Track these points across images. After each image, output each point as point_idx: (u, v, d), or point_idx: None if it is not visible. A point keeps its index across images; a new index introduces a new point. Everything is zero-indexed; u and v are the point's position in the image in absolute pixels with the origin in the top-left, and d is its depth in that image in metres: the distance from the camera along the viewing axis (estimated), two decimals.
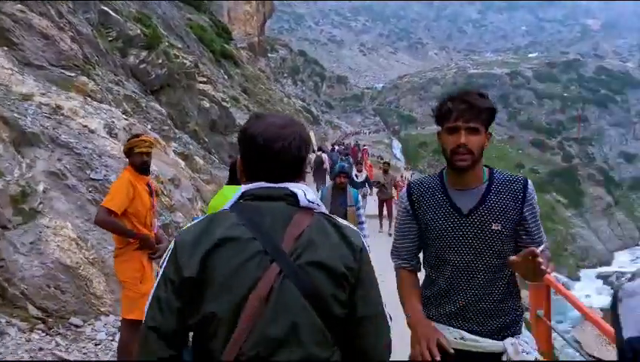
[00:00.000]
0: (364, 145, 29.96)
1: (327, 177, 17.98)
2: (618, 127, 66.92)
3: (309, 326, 1.01)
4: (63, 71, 5.46)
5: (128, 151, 2.92)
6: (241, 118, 14.91)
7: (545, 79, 74.65)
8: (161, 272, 1.06)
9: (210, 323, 1.00)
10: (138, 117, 6.99)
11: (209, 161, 9.19)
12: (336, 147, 24.47)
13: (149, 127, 6.98)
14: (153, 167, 4.53)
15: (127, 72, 8.86)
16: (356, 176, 10.10)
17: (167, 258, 1.07)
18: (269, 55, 48.37)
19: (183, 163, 7.12)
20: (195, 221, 1.14)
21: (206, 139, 11.58)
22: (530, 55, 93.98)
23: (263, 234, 1.04)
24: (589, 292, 34.03)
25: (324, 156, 16.22)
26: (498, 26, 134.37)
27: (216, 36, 23.11)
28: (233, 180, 2.67)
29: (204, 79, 13.26)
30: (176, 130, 9.11)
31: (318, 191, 16.63)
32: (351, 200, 4.75)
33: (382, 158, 31.61)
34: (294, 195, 1.09)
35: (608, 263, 44.63)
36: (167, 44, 10.44)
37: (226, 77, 19.00)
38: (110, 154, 4.19)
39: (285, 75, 66.95)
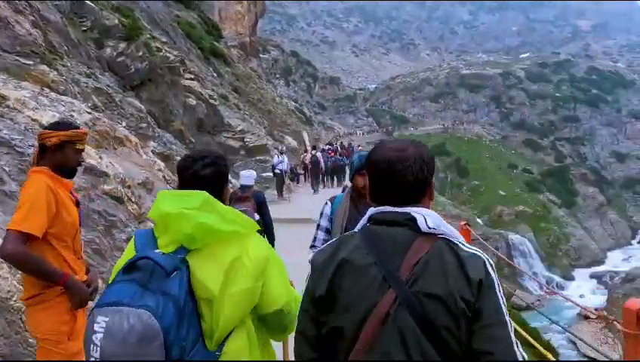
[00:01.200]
0: (359, 146, 29.40)
1: (323, 177, 17.88)
2: (610, 127, 67.28)
3: (421, 356, 1.03)
4: (18, 58, 4.75)
5: (58, 146, 2.02)
6: (230, 117, 14.20)
7: (537, 79, 74.90)
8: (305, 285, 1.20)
9: (335, 336, 1.11)
10: (111, 112, 6.28)
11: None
12: (327, 147, 23.94)
13: (124, 124, 6.27)
14: (119, 169, 3.87)
15: (103, 64, 8.14)
16: None
17: (308, 274, 1.20)
18: (261, 56, 47.63)
19: (162, 164, 6.42)
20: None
21: (192, 139, 10.87)
22: (521, 55, 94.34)
23: (383, 260, 1.09)
24: (584, 291, 33.86)
25: (319, 155, 16.12)
26: (489, 27, 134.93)
27: (206, 34, 22.37)
28: (186, 188, 1.76)
29: (191, 76, 12.54)
30: (158, 129, 8.40)
31: (312, 189, 16.57)
32: None
33: None
34: (415, 220, 1.10)
35: (601, 262, 44.62)
36: (148, 36, 9.70)
37: (215, 75, 18.27)
38: None
39: (277, 75, 66.26)
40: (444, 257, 1.06)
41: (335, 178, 18.79)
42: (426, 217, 1.10)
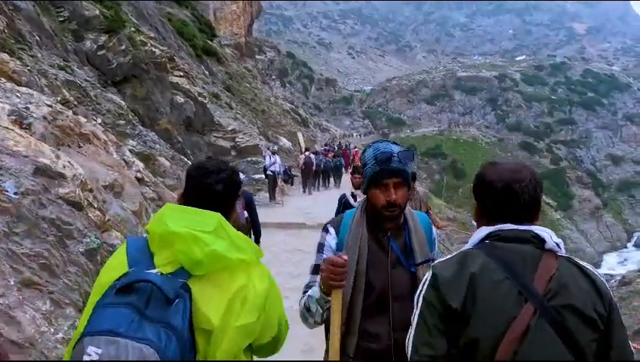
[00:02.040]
0: (355, 147, 28.98)
1: (316, 179, 17.53)
2: (605, 130, 67.44)
3: None
4: None
5: None
6: (221, 116, 13.67)
7: (533, 82, 75.05)
8: (421, 301, 1.21)
9: (473, 348, 1.13)
10: (85, 108, 5.74)
11: (179, 163, 7.95)
12: (324, 148, 23.62)
13: (99, 120, 5.73)
14: (79, 170, 3.36)
15: (81, 57, 7.60)
16: (353, 195, 4.72)
17: (426, 287, 1.21)
18: (257, 57, 47.16)
19: (141, 164, 5.90)
20: (448, 258, 1.24)
21: (180, 139, 10.33)
22: (517, 58, 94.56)
23: (515, 275, 1.14)
24: None
25: (313, 157, 15.89)
26: (486, 30, 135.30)
27: (199, 32, 21.84)
28: (193, 199, 1.35)
29: (180, 73, 12.00)
30: (141, 127, 7.86)
31: (304, 191, 16.23)
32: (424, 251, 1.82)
33: None
34: (539, 238, 1.19)
35: (597, 265, 44.57)
36: (132, 29, 9.16)
37: (207, 73, 17.73)
38: (11, 151, 2.97)
39: (274, 77, 65.81)
40: (574, 274, 1.16)
41: (330, 180, 18.39)
42: (551, 235, 1.20)
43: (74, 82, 5.75)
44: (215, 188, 1.28)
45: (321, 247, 1.71)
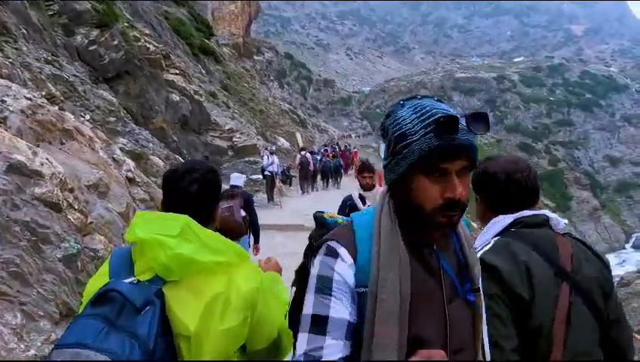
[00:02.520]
0: (354, 148, 28.80)
1: (313, 179, 17.34)
2: (603, 131, 67.53)
3: (592, 331, 1.23)
4: None
5: None
6: (218, 115, 13.36)
7: (531, 83, 75.14)
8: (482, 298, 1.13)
9: (537, 335, 1.18)
10: (73, 103, 5.44)
11: (173, 163, 7.65)
12: (323, 148, 23.45)
13: (88, 117, 5.44)
14: (58, 168, 3.05)
15: (71, 52, 7.29)
16: (362, 198, 3.99)
17: (482, 284, 1.08)
18: (255, 57, 46.92)
19: (132, 163, 5.61)
20: (488, 246, 1.29)
21: (175, 138, 10.03)
22: (516, 59, 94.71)
23: (550, 258, 1.22)
24: None
25: (309, 156, 15.73)
26: (484, 31, 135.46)
27: (196, 31, 21.55)
28: (171, 204, 1.27)
29: (176, 71, 11.71)
30: (134, 125, 7.56)
31: (302, 192, 16.02)
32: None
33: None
34: (549, 220, 1.30)
35: None
36: (126, 24, 8.86)
37: (204, 72, 17.43)
38: None
39: (272, 77, 65.61)
40: (585, 251, 1.29)
41: (328, 180, 18.15)
42: (556, 217, 1.31)
43: (60, 77, 5.45)
44: (189, 190, 1.25)
45: (326, 284, 0.95)
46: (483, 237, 1.30)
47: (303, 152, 15.87)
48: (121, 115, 6.83)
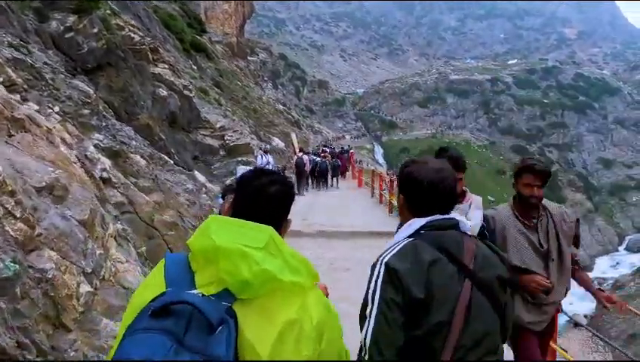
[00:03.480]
0: (351, 149, 28.29)
1: (308, 180, 16.96)
2: (596, 133, 67.81)
3: (492, 324, 1.35)
4: None
5: None
6: (209, 113, 12.73)
7: (525, 85, 75.30)
8: (378, 297, 1.27)
9: (434, 333, 1.27)
10: (39, 93, 4.77)
11: (158, 162, 7.00)
12: (322, 149, 23.05)
13: (57, 108, 4.77)
14: None
15: (45, 39, 6.60)
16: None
17: (381, 283, 1.28)
18: (249, 58, 46.25)
19: (108, 162, 4.97)
20: (397, 247, 1.35)
21: (162, 136, 9.37)
22: (509, 62, 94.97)
23: (454, 258, 1.32)
24: (572, 299, 33.29)
25: (305, 158, 15.50)
26: (477, 34, 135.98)
27: (187, 26, 20.86)
28: (243, 207, 1.18)
29: (165, 65, 11.04)
30: (114, 120, 6.90)
31: (298, 193, 15.60)
32: None
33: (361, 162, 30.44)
34: (457, 223, 1.40)
35: (589, 269, 44.42)
36: (108, 11, 8.18)
37: (195, 68, 16.75)
38: None
39: (266, 78, 64.97)
40: (485, 249, 1.41)
41: (326, 181, 17.67)
42: (463, 220, 1.42)
43: (24, 61, 4.78)
44: (268, 190, 1.17)
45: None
46: (396, 237, 1.40)
47: (300, 153, 15.58)
48: (99, 109, 6.17)
